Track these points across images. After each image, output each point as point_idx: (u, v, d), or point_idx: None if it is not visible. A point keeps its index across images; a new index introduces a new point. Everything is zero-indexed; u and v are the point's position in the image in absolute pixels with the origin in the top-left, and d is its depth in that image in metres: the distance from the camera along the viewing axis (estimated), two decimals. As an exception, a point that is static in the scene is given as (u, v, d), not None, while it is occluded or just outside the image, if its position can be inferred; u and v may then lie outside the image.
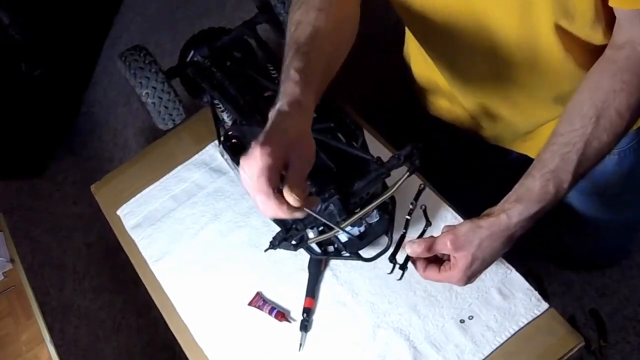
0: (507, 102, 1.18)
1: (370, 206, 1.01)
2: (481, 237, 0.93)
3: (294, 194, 0.84)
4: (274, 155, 0.82)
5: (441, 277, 0.98)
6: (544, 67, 1.05)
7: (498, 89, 1.15)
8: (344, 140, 1.15)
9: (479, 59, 1.09)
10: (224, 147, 1.20)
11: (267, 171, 0.82)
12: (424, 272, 0.99)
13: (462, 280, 0.96)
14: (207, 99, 1.37)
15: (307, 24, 0.95)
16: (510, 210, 0.92)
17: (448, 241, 0.94)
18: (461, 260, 0.94)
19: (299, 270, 1.23)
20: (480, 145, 1.38)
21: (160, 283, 1.29)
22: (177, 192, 1.40)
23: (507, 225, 0.92)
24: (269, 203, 0.84)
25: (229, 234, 1.31)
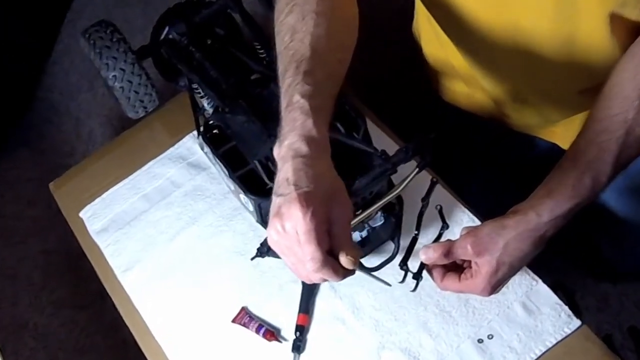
0: (537, 90, 1.18)
1: (373, 207, 1.01)
2: (507, 238, 0.92)
3: (350, 255, 0.82)
4: (319, 212, 0.80)
5: (462, 287, 0.97)
6: (582, 54, 1.05)
7: (527, 75, 1.15)
8: (343, 130, 1.15)
9: (509, 44, 1.09)
10: (203, 139, 1.20)
11: (317, 233, 0.80)
12: (441, 281, 0.98)
13: (487, 289, 0.95)
14: (184, 82, 1.36)
15: (305, 32, 0.92)
16: (540, 206, 0.91)
17: (468, 244, 0.93)
18: (484, 266, 0.93)
19: (291, 282, 1.23)
20: (502, 135, 1.38)
21: (130, 297, 1.29)
22: (150, 190, 1.40)
23: (537, 224, 0.91)
24: (323, 270, 0.82)
25: (209, 240, 1.31)
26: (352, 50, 0.99)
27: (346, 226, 0.84)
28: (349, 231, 0.85)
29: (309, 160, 0.83)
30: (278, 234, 0.82)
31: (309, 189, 0.81)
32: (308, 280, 0.86)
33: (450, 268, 0.99)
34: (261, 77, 1.26)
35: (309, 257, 0.81)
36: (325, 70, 0.91)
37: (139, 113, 1.39)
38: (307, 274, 0.83)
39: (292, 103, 0.87)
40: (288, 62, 0.91)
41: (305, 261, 0.81)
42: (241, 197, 1.14)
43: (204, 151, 1.34)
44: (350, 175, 1.01)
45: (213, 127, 1.21)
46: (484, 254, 0.93)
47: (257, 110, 1.15)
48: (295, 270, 0.85)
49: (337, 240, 0.82)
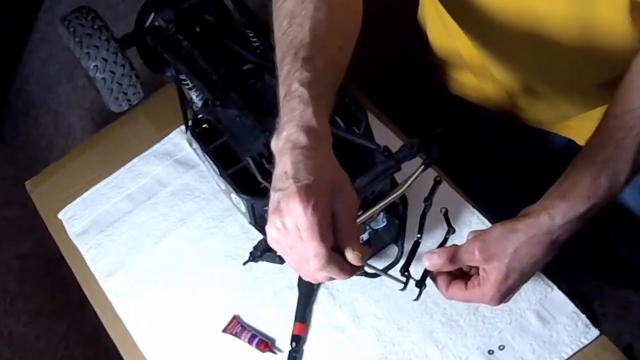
0: (551, 82, 1.18)
1: (375, 208, 1.01)
2: (517, 243, 0.92)
3: (357, 250, 0.81)
4: (321, 206, 0.79)
5: (469, 296, 0.96)
6: (600, 43, 1.05)
7: (541, 65, 1.15)
8: (342, 125, 1.15)
9: (522, 29, 1.09)
10: (192, 134, 1.20)
11: (319, 228, 0.78)
12: (447, 290, 0.98)
13: (495, 298, 0.94)
14: (171, 73, 1.36)
15: (304, 17, 0.91)
16: (553, 209, 0.91)
17: (476, 249, 0.93)
18: (493, 273, 0.93)
19: (287, 288, 1.23)
20: (514, 130, 1.39)
21: (112, 304, 1.29)
22: (134, 190, 1.41)
23: (550, 227, 0.91)
24: (329, 268, 0.80)
25: (198, 243, 1.31)
26: (354, 38, 0.98)
27: (351, 220, 0.83)
28: (355, 225, 0.84)
29: (309, 152, 0.82)
30: (278, 231, 0.81)
31: (309, 182, 0.80)
32: (313, 280, 0.85)
33: (456, 275, 0.98)
34: (254, 68, 1.25)
35: (313, 254, 0.79)
36: (325, 57, 0.90)
37: (122, 106, 1.39)
38: (312, 272, 0.82)
39: (290, 92, 0.87)
40: (286, 49, 0.91)
41: (309, 259, 0.80)
42: (233, 197, 1.14)
43: (193, 147, 1.34)
44: (351, 174, 1.01)
45: (202, 121, 1.21)
46: (493, 260, 0.92)
47: (250, 103, 1.15)
48: (299, 269, 0.84)
49: (342, 235, 0.81)
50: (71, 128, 2.70)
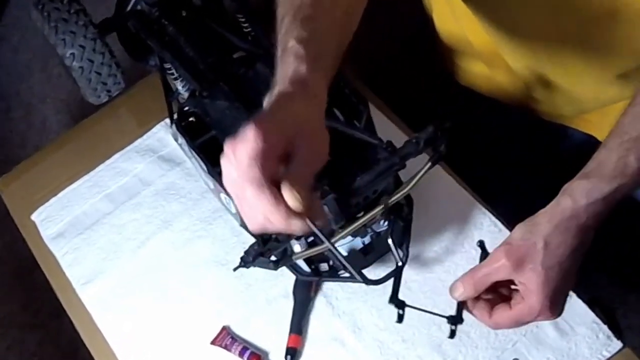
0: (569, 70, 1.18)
1: (377, 209, 1.01)
2: (544, 235, 0.90)
3: (295, 190, 0.79)
4: (272, 138, 0.79)
5: (517, 316, 0.93)
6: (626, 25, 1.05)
7: (559, 50, 1.15)
8: (342, 117, 1.15)
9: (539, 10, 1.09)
10: (177, 128, 1.20)
11: (262, 157, 0.78)
12: (490, 318, 0.95)
13: (547, 307, 0.91)
14: (154, 62, 1.36)
15: None
16: (575, 190, 0.90)
17: (503, 257, 0.91)
18: (532, 279, 0.90)
19: (281, 296, 1.23)
20: (530, 124, 1.38)
21: (90, 314, 1.29)
22: (114, 189, 1.40)
23: (573, 210, 0.90)
24: (260, 198, 0.79)
25: (184, 247, 1.31)
26: (363, 3, 0.98)
27: (307, 165, 0.82)
28: (308, 172, 0.82)
29: (288, 98, 0.84)
30: (227, 160, 0.80)
31: (269, 115, 0.82)
32: (254, 225, 0.82)
33: (495, 302, 0.96)
34: (245, 56, 1.25)
35: (246, 179, 0.78)
36: (327, 18, 0.91)
37: (101, 98, 1.39)
38: (250, 209, 0.81)
39: (286, 49, 0.87)
40: (286, 10, 0.91)
41: (243, 187, 0.79)
42: (222, 197, 1.14)
43: (178, 142, 1.34)
44: (351, 171, 1.01)
45: (189, 114, 1.21)
46: (525, 263, 0.90)
47: (240, 94, 1.15)
48: (243, 211, 0.82)
49: (290, 174, 0.80)
50: (45, 122, 2.70)
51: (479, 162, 1.43)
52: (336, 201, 0.98)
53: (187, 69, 1.24)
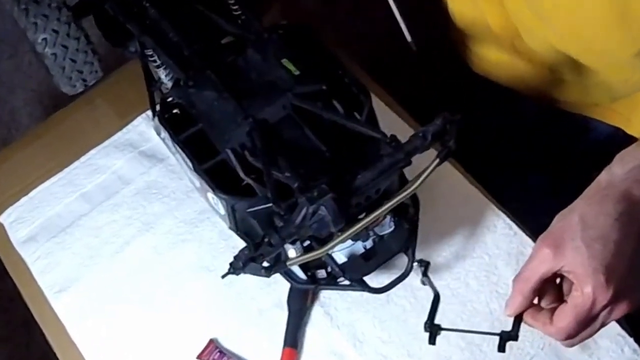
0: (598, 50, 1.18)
1: (380, 210, 1.01)
2: (579, 210, 0.91)
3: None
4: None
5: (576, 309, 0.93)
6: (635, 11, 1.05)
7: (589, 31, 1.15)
8: (342, 110, 1.15)
9: None
10: (160, 121, 1.20)
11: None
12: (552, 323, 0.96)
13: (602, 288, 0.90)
14: (135, 48, 1.36)
15: None
16: (611, 163, 0.91)
17: (542, 246, 0.92)
18: (574, 258, 0.90)
19: (274, 306, 1.23)
20: (549, 116, 1.38)
21: (64, 326, 1.29)
22: (90, 188, 1.40)
23: (609, 181, 0.90)
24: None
25: (168, 252, 1.31)
26: None
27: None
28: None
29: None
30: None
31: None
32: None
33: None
34: (235, 41, 1.25)
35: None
36: None
37: (76, 87, 1.39)
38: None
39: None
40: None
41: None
42: (209, 197, 1.14)
43: (161, 137, 1.34)
44: (351, 169, 1.01)
45: (172, 105, 1.21)
46: (564, 244, 0.90)
47: (229, 83, 1.15)
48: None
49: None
50: (15, 114, 2.70)
51: (492, 158, 1.43)
52: (335, 201, 0.98)
53: (170, 55, 1.24)
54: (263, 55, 1.18)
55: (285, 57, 1.16)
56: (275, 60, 1.16)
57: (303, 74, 1.13)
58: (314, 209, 0.98)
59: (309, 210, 0.98)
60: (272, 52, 1.17)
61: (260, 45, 1.19)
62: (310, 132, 1.09)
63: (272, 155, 1.03)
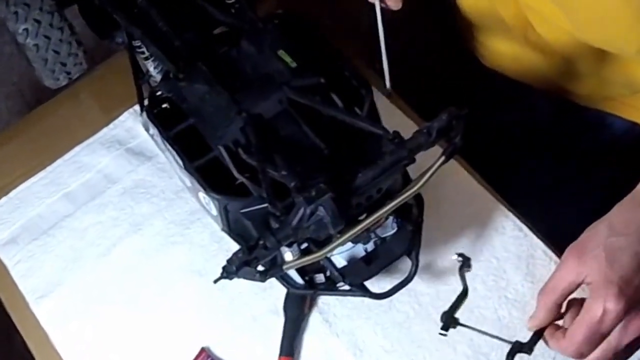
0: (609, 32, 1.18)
1: (382, 210, 1.01)
2: (608, 219, 0.92)
3: None
4: None
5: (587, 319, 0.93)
6: None
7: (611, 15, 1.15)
8: (341, 104, 1.14)
9: None
10: (148, 116, 1.20)
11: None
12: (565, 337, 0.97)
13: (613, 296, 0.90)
14: (122, 39, 1.36)
15: None
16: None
17: (568, 255, 0.94)
18: (593, 266, 0.91)
19: (269, 312, 1.23)
20: (562, 112, 1.38)
21: (47, 333, 1.28)
22: (75, 187, 1.40)
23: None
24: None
25: (157, 255, 1.31)
26: None
27: None
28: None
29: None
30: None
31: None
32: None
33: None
34: (228, 32, 1.25)
35: None
36: None
37: (59, 81, 1.38)
38: None
39: None
40: None
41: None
42: (201, 197, 1.14)
43: (150, 133, 1.34)
44: (351, 167, 1.01)
45: (162, 100, 1.21)
46: (587, 252, 0.91)
47: (222, 76, 1.15)
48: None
49: None
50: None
51: (500, 156, 1.43)
52: (334, 201, 0.98)
53: (159, 46, 1.24)
54: (258, 46, 1.18)
55: (281, 48, 1.16)
56: (271, 52, 1.16)
57: (300, 66, 1.13)
58: (311, 210, 0.98)
59: (307, 211, 0.98)
60: (267, 43, 1.17)
61: (255, 36, 1.19)
62: (308, 128, 1.09)
63: (268, 152, 1.03)
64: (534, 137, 1.51)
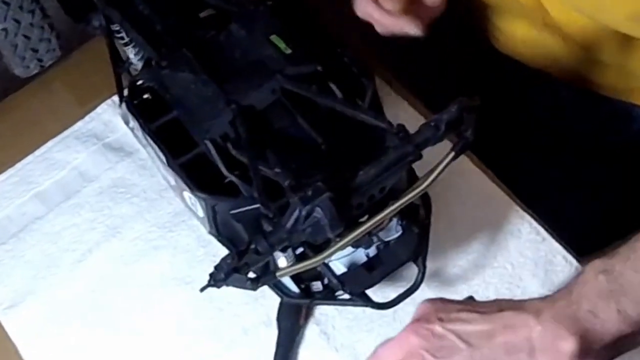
0: None
1: (386, 212, 1.01)
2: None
3: None
4: None
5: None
6: None
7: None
8: (340, 94, 1.14)
9: None
10: (128, 108, 1.20)
11: None
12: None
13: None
14: (99, 22, 1.36)
15: None
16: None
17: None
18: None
19: (261, 324, 1.23)
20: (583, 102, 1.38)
21: (16, 347, 1.28)
22: (47, 186, 1.40)
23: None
24: None
25: (137, 261, 1.31)
26: None
27: None
28: None
29: None
30: None
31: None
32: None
33: None
34: (215, 14, 1.25)
35: None
36: None
37: (30, 69, 1.39)
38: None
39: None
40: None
41: None
42: (186, 197, 1.14)
43: (130, 126, 1.34)
44: (351, 164, 1.01)
45: (143, 89, 1.21)
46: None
47: (209, 63, 1.15)
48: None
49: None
50: (-41, 100, 2.70)
51: (515, 152, 1.44)
52: (332, 202, 0.98)
53: (140, 31, 1.24)
54: (248, 30, 1.18)
55: (274, 32, 1.16)
56: (263, 37, 1.16)
57: (295, 52, 1.13)
58: (308, 211, 0.98)
59: (302, 212, 0.98)
60: (259, 27, 1.18)
61: (245, 19, 1.19)
62: (304, 120, 1.09)
63: (259, 147, 1.03)
64: (552, 131, 1.51)
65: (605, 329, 0.89)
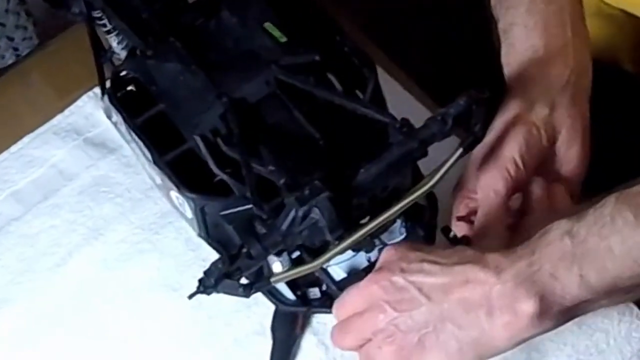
0: None
1: (389, 212, 1.01)
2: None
3: None
4: None
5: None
6: None
7: None
8: (340, 86, 1.15)
9: None
10: (111, 101, 1.20)
11: None
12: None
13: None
14: (79, 8, 1.36)
15: None
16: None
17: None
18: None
19: (254, 333, 1.24)
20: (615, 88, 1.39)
21: (-10, 359, 1.29)
22: (23, 185, 1.41)
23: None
24: None
25: (120, 266, 1.32)
26: None
27: None
28: None
29: None
30: None
31: None
32: None
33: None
34: (205, 0, 1.25)
35: None
36: None
37: (5, 58, 1.39)
38: None
39: None
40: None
41: None
42: (173, 196, 1.14)
43: (113, 121, 1.34)
44: (352, 161, 1.01)
45: (127, 81, 1.21)
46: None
47: (198, 53, 1.15)
48: None
49: None
50: None
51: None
52: (331, 202, 0.99)
53: (124, 18, 1.24)
54: (240, 17, 1.18)
55: (268, 20, 1.16)
56: (256, 24, 1.16)
57: (291, 41, 1.13)
58: (304, 212, 0.98)
59: (299, 213, 0.98)
60: (252, 14, 1.18)
61: (238, 5, 1.19)
62: (300, 114, 1.09)
63: (253, 143, 1.03)
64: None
65: (565, 292, 0.93)
